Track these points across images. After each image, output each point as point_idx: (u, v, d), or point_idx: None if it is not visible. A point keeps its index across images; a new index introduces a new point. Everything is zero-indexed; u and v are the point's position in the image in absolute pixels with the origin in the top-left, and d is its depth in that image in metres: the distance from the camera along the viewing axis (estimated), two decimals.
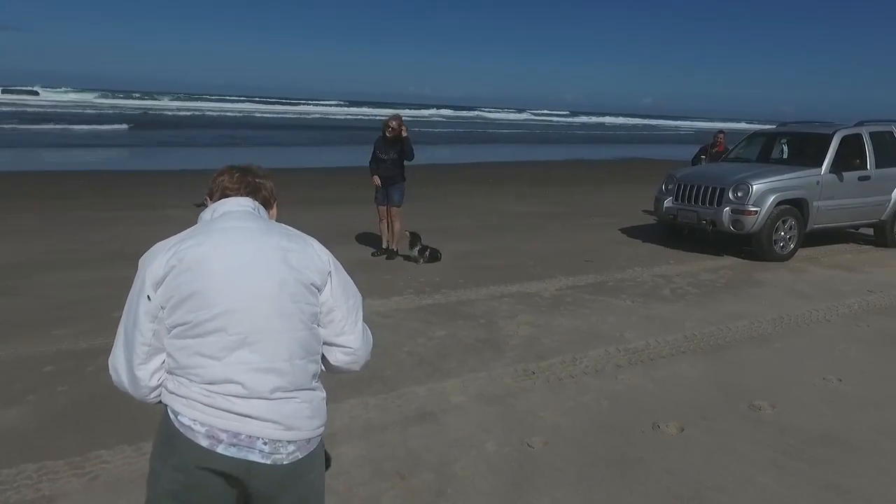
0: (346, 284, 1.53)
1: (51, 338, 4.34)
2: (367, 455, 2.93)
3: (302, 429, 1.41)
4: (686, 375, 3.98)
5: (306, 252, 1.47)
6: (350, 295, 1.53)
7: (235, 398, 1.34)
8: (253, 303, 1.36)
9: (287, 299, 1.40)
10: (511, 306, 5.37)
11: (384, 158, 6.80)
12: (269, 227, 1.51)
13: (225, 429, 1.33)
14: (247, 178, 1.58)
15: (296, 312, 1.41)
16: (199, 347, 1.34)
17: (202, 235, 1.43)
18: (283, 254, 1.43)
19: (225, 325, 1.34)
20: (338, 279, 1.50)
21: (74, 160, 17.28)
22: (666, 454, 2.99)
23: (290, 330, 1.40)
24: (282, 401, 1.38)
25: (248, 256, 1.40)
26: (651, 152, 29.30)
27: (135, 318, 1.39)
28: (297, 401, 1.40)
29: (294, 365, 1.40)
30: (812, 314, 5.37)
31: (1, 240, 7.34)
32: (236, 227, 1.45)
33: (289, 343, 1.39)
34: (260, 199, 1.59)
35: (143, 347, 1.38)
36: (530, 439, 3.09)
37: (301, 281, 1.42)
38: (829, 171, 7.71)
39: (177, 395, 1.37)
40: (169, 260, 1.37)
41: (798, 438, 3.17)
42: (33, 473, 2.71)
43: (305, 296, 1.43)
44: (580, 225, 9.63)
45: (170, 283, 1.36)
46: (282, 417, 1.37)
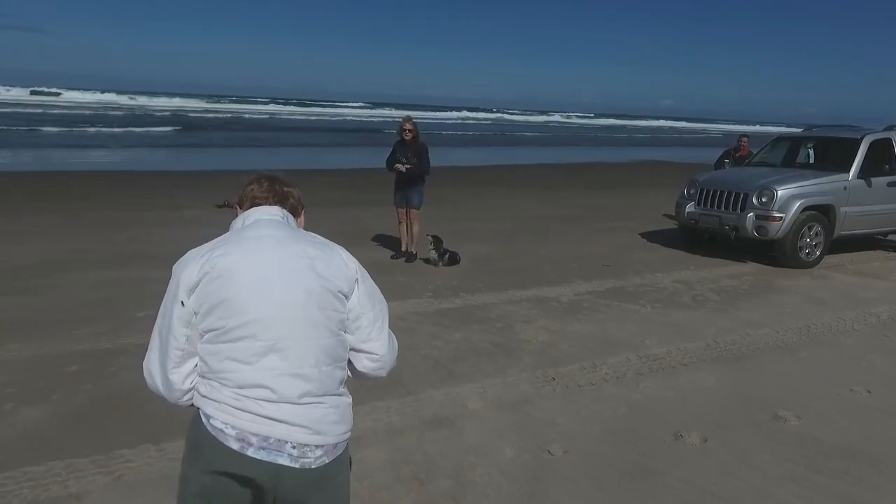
0: (373, 292, 1.55)
1: (72, 337, 4.43)
2: (388, 459, 2.93)
3: (329, 434, 1.43)
4: (707, 385, 3.92)
5: (333, 260, 1.49)
6: (376, 302, 1.55)
7: (265, 402, 1.38)
8: (281, 310, 1.40)
9: (314, 307, 1.42)
10: (528, 311, 5.34)
11: (403, 162, 6.82)
12: (297, 235, 1.54)
13: (255, 432, 1.37)
14: (275, 187, 1.61)
15: (322, 320, 1.43)
16: (230, 352, 1.38)
17: (233, 244, 1.46)
18: (310, 262, 1.45)
19: (255, 331, 1.38)
20: (364, 287, 1.52)
21: (96, 161, 17.64)
22: (685, 465, 2.95)
23: (317, 337, 1.42)
24: (310, 406, 1.41)
25: (276, 265, 1.43)
26: (671, 155, 28.97)
27: (169, 323, 1.42)
28: (324, 406, 1.43)
29: (321, 371, 1.43)
30: (838, 323, 5.26)
31: (24, 239, 7.51)
32: (265, 236, 1.49)
33: (316, 350, 1.42)
34: (288, 207, 1.62)
35: (176, 352, 1.42)
36: (548, 447, 3.07)
37: (328, 288, 1.45)
38: (857, 177, 7.55)
39: (209, 398, 1.40)
40: (202, 267, 1.41)
41: (821, 451, 3.10)
42: (62, 471, 2.76)
43: (332, 303, 1.45)
44: (598, 229, 9.55)
45: (202, 289, 1.39)
46: (310, 422, 1.40)
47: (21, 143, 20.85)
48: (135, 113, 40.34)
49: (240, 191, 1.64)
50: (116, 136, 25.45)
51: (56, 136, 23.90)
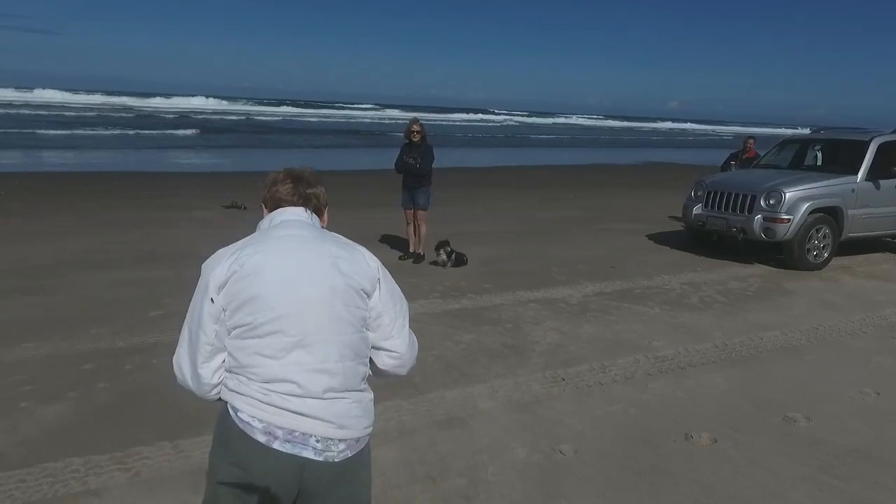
0: (394, 291, 1.59)
1: (89, 336, 4.48)
2: (401, 458, 2.97)
3: (352, 427, 1.48)
4: (717, 386, 3.94)
5: (356, 259, 1.54)
6: (397, 301, 1.59)
7: (291, 396, 1.42)
8: (307, 307, 1.44)
9: (338, 303, 1.47)
10: (537, 312, 5.37)
11: (411, 163, 6.86)
12: (321, 235, 1.58)
13: (280, 425, 1.41)
14: (300, 189, 1.64)
15: (346, 316, 1.48)
16: (258, 347, 1.43)
17: (261, 244, 1.51)
18: (334, 260, 1.50)
19: (282, 327, 1.42)
20: (386, 286, 1.56)
21: (108, 162, 17.75)
22: (696, 466, 2.97)
23: (341, 333, 1.47)
24: (333, 400, 1.45)
25: (301, 263, 1.48)
26: (677, 156, 28.94)
27: (199, 319, 1.47)
28: (347, 400, 1.47)
29: (345, 366, 1.47)
30: (846, 325, 5.26)
31: (40, 240, 7.59)
32: (291, 236, 1.54)
33: (340, 345, 1.46)
34: (312, 207, 1.65)
35: (206, 347, 1.47)
36: (559, 447, 3.10)
37: (351, 286, 1.49)
38: (865, 179, 7.54)
39: (237, 392, 1.45)
40: (231, 265, 1.45)
41: (832, 453, 3.12)
42: (80, 467, 2.81)
43: (355, 300, 1.49)
44: (605, 230, 9.56)
45: (231, 287, 1.44)
46: (333, 416, 1.44)
47: (36, 145, 21.01)
48: (146, 115, 40.45)
49: (265, 190, 1.67)
50: (129, 137, 25.61)
51: (68, 138, 24.04)
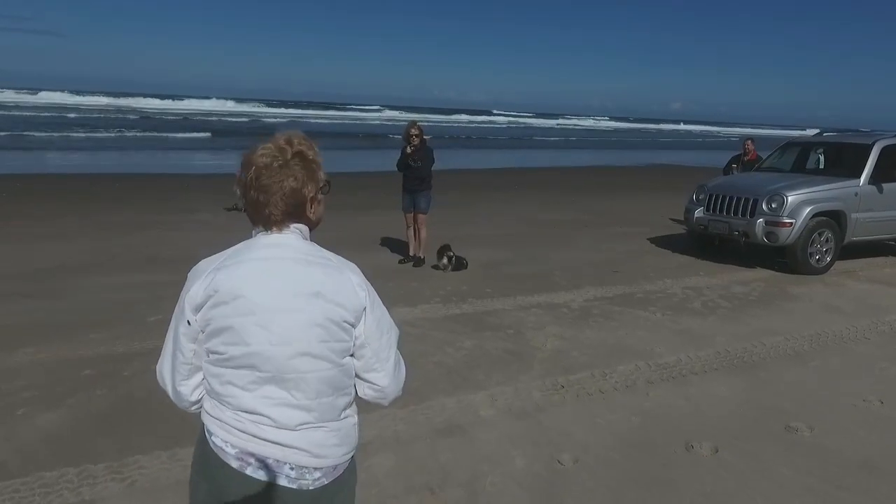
0: (381, 321, 1.46)
1: (89, 341, 4.47)
2: (399, 467, 2.94)
3: (329, 456, 1.42)
4: (719, 393, 3.90)
5: (342, 288, 1.39)
6: (384, 332, 1.46)
7: (264, 426, 1.37)
8: (282, 344, 1.35)
9: (315, 340, 1.36)
10: (538, 317, 5.34)
11: (412, 165, 6.84)
12: (307, 256, 1.41)
13: (253, 452, 1.37)
14: None
15: (324, 352, 1.38)
16: (231, 377, 1.37)
17: (240, 265, 1.39)
18: (316, 290, 1.37)
19: (254, 362, 1.35)
20: (373, 316, 1.43)
21: (109, 163, 17.78)
22: (699, 476, 2.94)
23: (317, 370, 1.38)
24: (308, 431, 1.39)
25: (279, 295, 1.36)
26: (680, 158, 28.88)
27: (176, 339, 1.42)
28: (324, 430, 1.41)
29: (321, 402, 1.40)
30: (850, 331, 5.22)
31: (43, 242, 7.60)
32: (274, 258, 1.39)
33: (317, 382, 1.38)
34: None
35: (184, 366, 1.43)
36: (560, 456, 3.07)
37: (332, 319, 1.37)
38: (868, 183, 7.50)
39: (211, 415, 1.42)
40: (206, 288, 1.37)
41: (837, 464, 3.08)
42: (74, 477, 2.79)
43: (336, 334, 1.38)
44: (608, 234, 9.53)
45: (207, 311, 1.37)
46: (309, 445, 1.39)
47: (37, 146, 21.07)
48: (148, 116, 40.54)
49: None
50: (131, 139, 25.64)
51: (68, 139, 24.08)
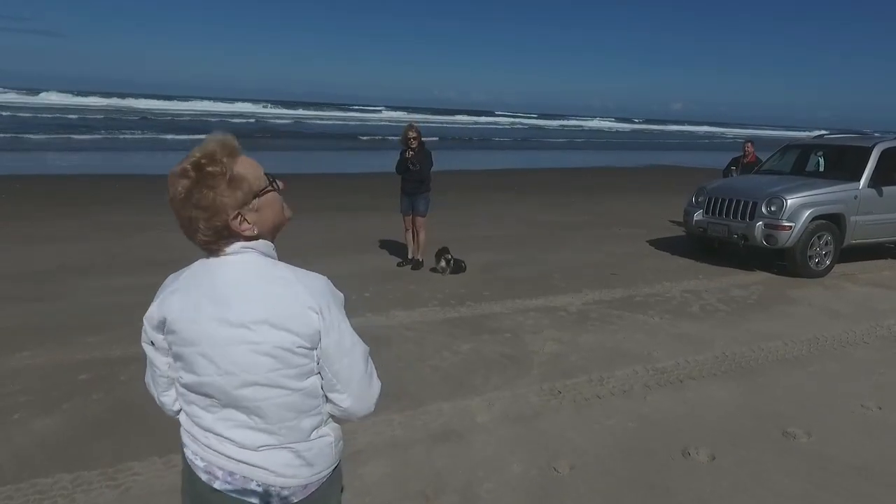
0: (340, 343, 1.31)
1: (85, 345, 4.46)
2: (394, 473, 2.93)
3: (296, 476, 1.36)
4: (716, 398, 3.89)
5: (292, 312, 1.26)
6: (344, 353, 1.32)
7: (227, 445, 1.34)
8: (228, 374, 1.28)
9: (263, 369, 1.27)
10: (536, 321, 5.33)
11: (411, 169, 6.84)
12: (257, 276, 1.28)
13: (220, 466, 1.35)
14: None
15: (277, 380, 1.28)
16: (192, 399, 1.35)
17: (189, 291, 1.31)
18: (263, 317, 1.25)
19: (208, 391, 1.31)
20: (328, 339, 1.29)
21: (110, 164, 17.78)
22: (695, 483, 2.93)
23: (272, 397, 1.29)
24: (272, 451, 1.34)
25: (223, 324, 1.26)
26: (680, 159, 28.87)
27: (148, 355, 1.40)
28: (289, 451, 1.35)
29: (283, 426, 1.33)
30: (849, 335, 5.21)
31: (43, 244, 7.60)
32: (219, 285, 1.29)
33: (275, 409, 1.31)
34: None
35: (161, 378, 1.41)
36: (556, 463, 3.06)
37: (283, 347, 1.26)
38: (867, 186, 7.49)
39: (185, 428, 1.41)
40: (160, 310, 1.33)
41: (834, 470, 3.07)
42: (69, 484, 2.78)
43: (289, 360, 1.27)
44: (606, 236, 9.52)
45: (166, 334, 1.34)
46: (273, 466, 1.34)
47: (44, 148, 21.09)
48: (150, 117, 40.56)
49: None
50: (131, 140, 25.64)
51: (67, 140, 24.08)
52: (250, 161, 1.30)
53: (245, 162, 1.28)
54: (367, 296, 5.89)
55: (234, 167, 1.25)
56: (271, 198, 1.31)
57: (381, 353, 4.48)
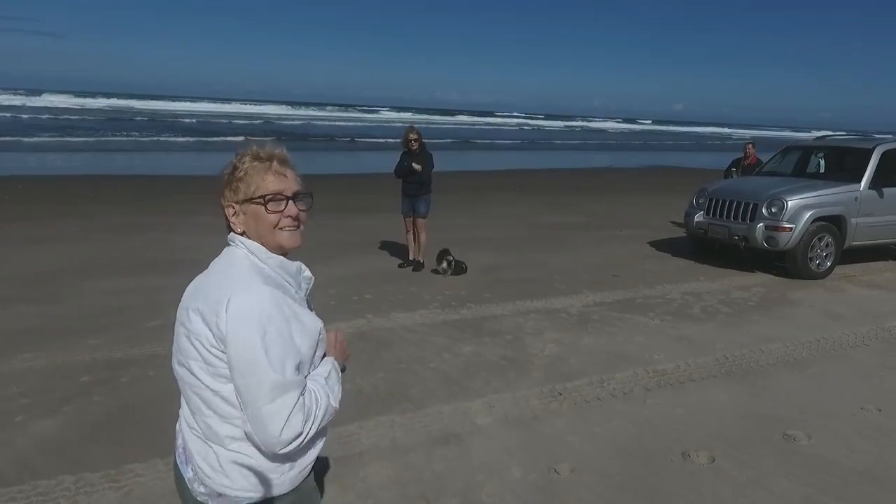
0: (240, 361, 1.27)
1: (86, 347, 4.47)
2: (395, 477, 2.94)
3: (210, 477, 1.36)
4: (717, 401, 3.89)
5: (216, 309, 1.28)
6: (243, 374, 1.27)
7: (182, 418, 1.45)
8: (175, 351, 1.39)
9: (188, 354, 1.33)
10: (537, 323, 5.34)
11: (413, 171, 6.83)
12: (220, 270, 1.37)
13: (179, 442, 1.46)
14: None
15: (195, 369, 1.33)
16: None
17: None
18: (198, 305, 1.32)
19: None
20: (231, 350, 1.28)
21: (111, 165, 17.81)
22: (695, 486, 2.93)
23: (192, 385, 1.34)
24: (197, 439, 1.38)
25: (182, 304, 1.38)
26: (681, 160, 28.86)
27: None
28: (209, 449, 1.35)
29: (201, 420, 1.35)
30: (850, 338, 5.21)
31: (44, 245, 7.61)
32: (208, 269, 1.43)
33: (195, 399, 1.35)
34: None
35: None
36: (556, 466, 3.06)
37: (200, 339, 1.30)
38: (868, 187, 7.49)
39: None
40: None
41: (835, 474, 3.07)
42: (71, 485, 2.79)
43: (205, 355, 1.31)
44: (607, 237, 9.52)
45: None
46: (195, 452, 1.38)
47: (46, 149, 21.13)
48: (156, 119, 40.59)
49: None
50: (131, 141, 25.67)
51: (66, 142, 24.12)
52: (277, 173, 1.38)
53: (268, 170, 1.37)
54: (369, 297, 5.90)
55: (247, 169, 1.37)
56: (255, 210, 1.36)
57: (382, 355, 4.49)
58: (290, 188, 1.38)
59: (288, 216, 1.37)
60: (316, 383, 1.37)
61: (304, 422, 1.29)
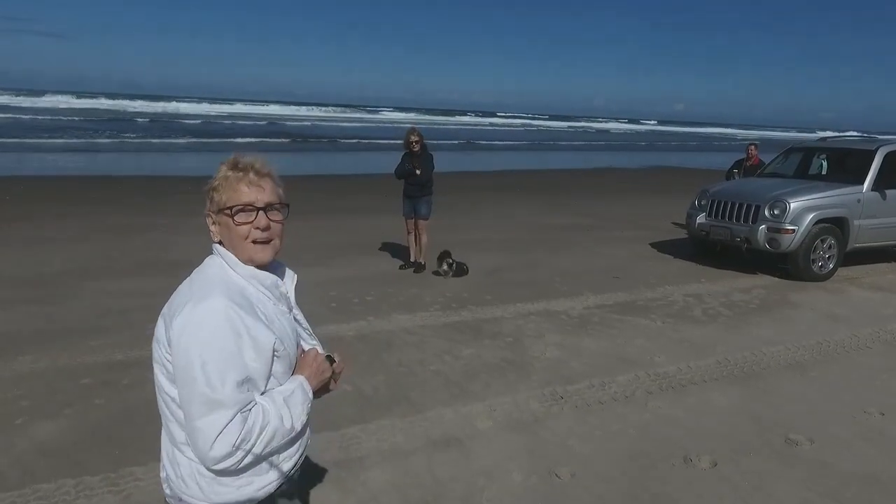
0: (179, 369, 1.27)
1: (88, 349, 4.47)
2: (395, 481, 2.93)
3: (169, 479, 1.41)
4: (718, 405, 3.88)
5: (172, 314, 1.30)
6: (183, 383, 1.27)
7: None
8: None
9: (153, 358, 1.37)
10: (538, 325, 5.33)
11: (415, 173, 6.83)
12: (193, 277, 1.40)
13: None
14: None
15: (157, 370, 1.36)
16: None
17: None
18: (164, 310, 1.35)
19: None
20: (174, 358, 1.28)
21: (112, 165, 17.83)
22: (697, 491, 2.92)
23: (158, 389, 1.37)
24: (166, 443, 1.41)
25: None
26: (683, 160, 28.83)
27: None
28: (174, 449, 1.38)
29: (165, 419, 1.39)
30: (852, 340, 5.19)
31: (46, 246, 7.61)
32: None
33: (160, 398, 1.38)
34: None
35: None
36: (557, 470, 3.05)
37: (159, 343, 1.34)
38: (871, 189, 7.47)
39: None
40: None
41: (837, 478, 3.06)
42: (72, 489, 2.79)
43: (162, 358, 1.33)
44: (609, 238, 9.51)
45: None
46: (165, 458, 1.42)
47: (47, 149, 21.17)
48: (157, 119, 40.64)
49: None
50: (131, 141, 25.70)
51: (66, 143, 24.15)
52: (251, 184, 1.36)
53: (240, 181, 1.35)
54: (370, 299, 5.90)
55: (222, 179, 1.37)
56: (226, 221, 1.36)
57: (383, 357, 4.49)
58: (262, 199, 1.35)
59: (257, 228, 1.35)
60: (271, 401, 1.32)
61: (238, 441, 1.25)
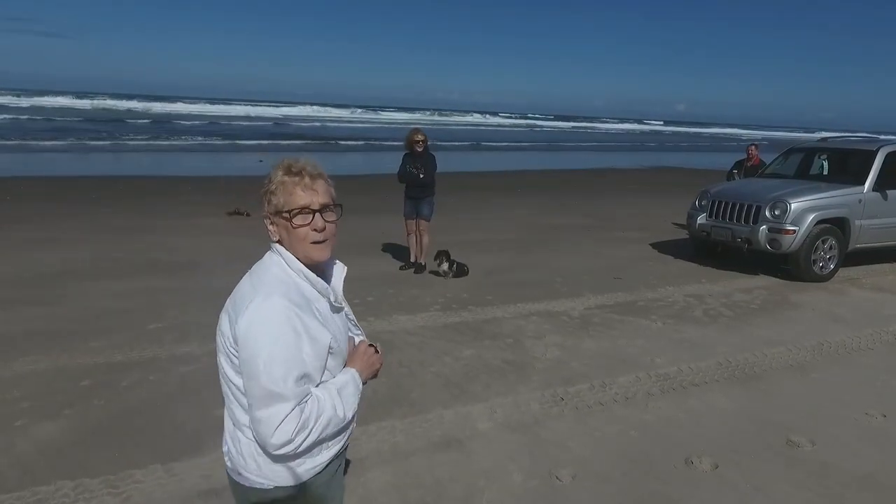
0: (245, 363, 1.37)
1: (88, 350, 4.47)
2: (395, 482, 2.92)
3: (230, 453, 1.52)
4: (719, 406, 3.87)
5: (237, 311, 1.40)
6: (249, 376, 1.37)
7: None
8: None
9: (217, 349, 1.48)
10: (538, 326, 5.32)
11: (414, 172, 6.82)
12: (252, 273, 1.48)
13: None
14: None
15: (221, 361, 1.47)
16: None
17: None
18: (228, 305, 1.47)
19: None
20: (241, 353, 1.38)
21: (111, 166, 17.83)
22: (698, 493, 2.91)
23: (222, 376, 1.48)
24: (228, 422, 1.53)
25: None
26: (683, 160, 28.81)
27: None
28: (232, 426, 1.51)
29: (228, 406, 1.50)
30: (853, 341, 5.18)
31: (46, 247, 7.60)
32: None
33: (223, 386, 1.49)
34: None
35: None
36: (558, 471, 3.04)
37: (223, 335, 1.44)
38: (872, 189, 7.45)
39: None
40: None
41: (838, 480, 3.05)
42: (70, 491, 2.78)
43: (228, 349, 1.43)
44: (610, 238, 9.50)
45: None
46: (227, 435, 1.54)
47: (47, 150, 21.16)
48: (158, 120, 40.65)
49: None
50: (130, 142, 25.71)
51: (67, 143, 24.17)
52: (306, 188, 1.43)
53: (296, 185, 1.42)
54: (370, 300, 5.89)
55: (278, 183, 1.44)
56: (284, 224, 1.44)
57: (384, 358, 4.47)
58: (317, 201, 1.43)
59: (314, 229, 1.43)
60: (327, 392, 1.44)
61: (296, 431, 1.36)
